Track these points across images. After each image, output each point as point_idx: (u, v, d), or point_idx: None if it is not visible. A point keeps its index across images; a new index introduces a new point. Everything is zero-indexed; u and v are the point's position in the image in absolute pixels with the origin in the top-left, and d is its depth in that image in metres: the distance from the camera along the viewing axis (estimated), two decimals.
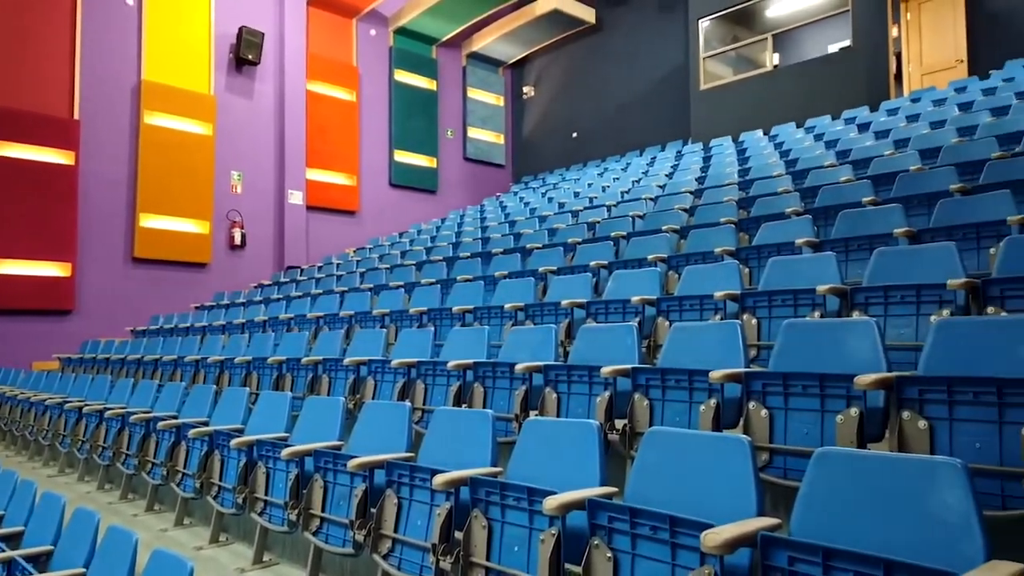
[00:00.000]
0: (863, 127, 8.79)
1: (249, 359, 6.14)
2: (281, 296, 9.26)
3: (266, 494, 3.78)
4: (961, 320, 2.85)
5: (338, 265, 11.03)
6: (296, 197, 13.28)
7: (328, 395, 5.16)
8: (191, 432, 4.44)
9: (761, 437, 2.84)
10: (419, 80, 15.64)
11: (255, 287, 11.51)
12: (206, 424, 4.78)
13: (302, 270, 12.12)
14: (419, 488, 2.91)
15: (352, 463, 3.11)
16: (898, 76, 11.26)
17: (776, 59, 11.92)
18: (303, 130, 13.48)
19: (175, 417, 5.16)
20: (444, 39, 15.91)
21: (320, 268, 11.45)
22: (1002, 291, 3.18)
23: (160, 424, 4.87)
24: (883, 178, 5.88)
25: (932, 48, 11.08)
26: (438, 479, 2.68)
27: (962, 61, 10.67)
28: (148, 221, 11.48)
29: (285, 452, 3.54)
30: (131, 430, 5.41)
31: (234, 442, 3.98)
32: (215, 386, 5.42)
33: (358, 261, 10.76)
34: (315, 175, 13.74)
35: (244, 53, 12.52)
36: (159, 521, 4.72)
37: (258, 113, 13.04)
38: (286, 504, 3.53)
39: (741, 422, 2.95)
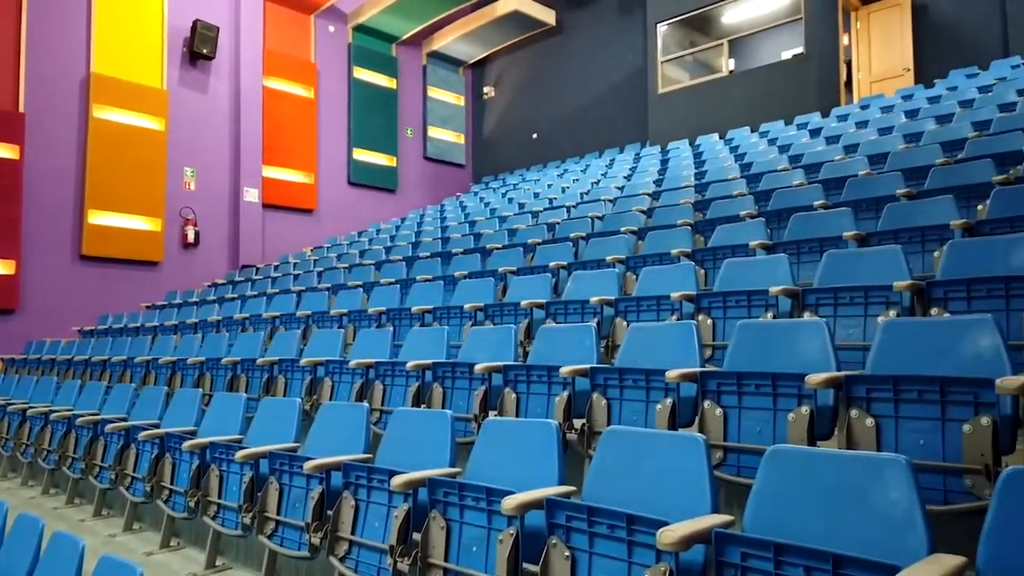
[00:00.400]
0: (815, 132, 9.02)
1: (202, 360, 6.02)
2: (236, 295, 9.08)
3: (219, 497, 3.71)
4: (906, 321, 2.95)
5: (295, 264, 10.87)
6: (252, 195, 13.05)
7: (284, 396, 5.08)
8: (141, 435, 4.33)
9: (716, 435, 2.89)
10: (379, 78, 15.51)
11: (209, 286, 11.27)
12: (157, 426, 4.67)
13: (258, 269, 11.92)
14: (377, 490, 2.89)
15: (308, 465, 3.07)
16: (848, 83, 11.58)
17: (732, 64, 12.15)
18: (259, 127, 13.25)
19: (124, 419, 5.03)
20: (404, 37, 15.81)
21: (276, 267, 11.27)
22: (945, 293, 3.30)
23: (109, 427, 4.74)
24: (833, 182, 6.04)
25: (881, 57, 11.43)
26: (396, 480, 2.66)
27: (909, 70, 11.03)
28: (97, 218, 11.15)
29: (239, 454, 3.48)
30: (78, 433, 5.25)
31: (186, 444, 3.90)
32: (167, 387, 5.30)
33: (316, 260, 10.63)
34: (272, 172, 13.52)
35: (198, 47, 12.25)
36: (107, 526, 4.59)
37: (213, 109, 12.77)
38: (240, 507, 3.47)
39: (696, 421, 3.00)
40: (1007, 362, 2.50)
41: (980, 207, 4.58)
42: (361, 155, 15.08)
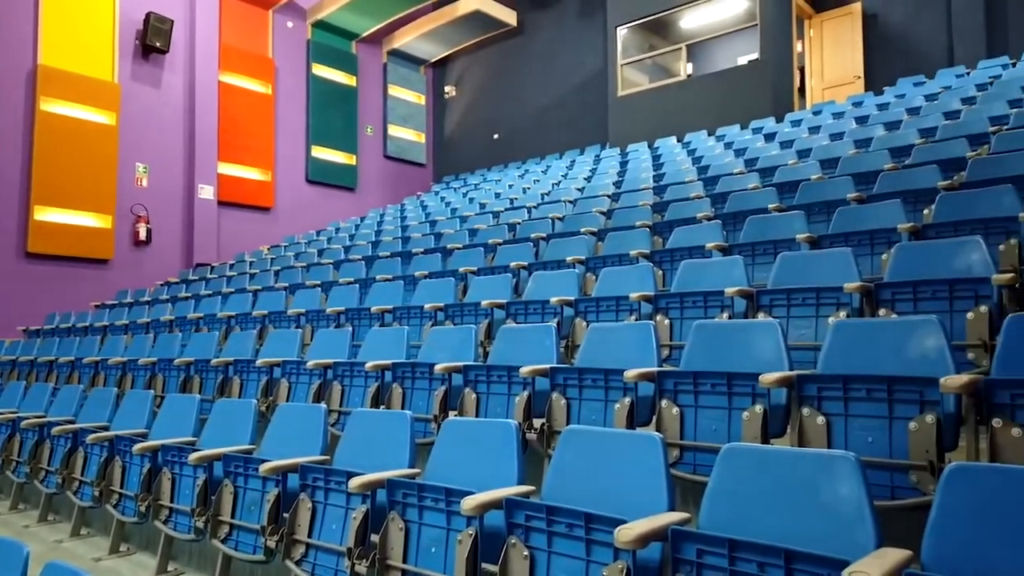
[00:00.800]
0: (769, 137, 9.21)
1: (154, 360, 5.87)
2: (190, 295, 8.89)
3: (171, 501, 3.63)
4: (856, 322, 3.03)
5: (251, 263, 10.68)
6: (207, 192, 12.77)
7: (240, 398, 4.99)
8: (89, 437, 4.21)
9: (672, 434, 2.93)
10: (338, 75, 15.34)
11: (161, 285, 11.00)
12: (106, 429, 4.54)
13: (212, 268, 11.67)
14: (334, 491, 2.86)
15: (264, 467, 3.02)
16: (801, 89, 11.87)
17: (690, 69, 12.33)
18: (215, 122, 12.98)
19: (72, 422, 4.88)
20: (364, 35, 15.66)
21: (232, 266, 11.06)
22: (893, 294, 3.40)
23: (55, 429, 4.59)
24: (787, 186, 6.17)
25: (832, 64, 11.73)
26: (354, 482, 2.64)
27: (859, 77, 11.35)
28: (44, 214, 10.78)
29: (193, 457, 3.41)
30: (23, 436, 5.08)
31: (137, 447, 3.80)
32: (116, 389, 5.15)
33: (272, 259, 10.46)
34: (227, 169, 13.26)
35: (151, 40, 11.95)
36: (53, 532, 4.45)
37: (166, 103, 12.47)
38: (193, 511, 3.39)
39: (654, 420, 3.04)
40: (951, 362, 2.59)
41: (926, 211, 4.73)
42: (320, 153, 14.89)
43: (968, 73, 9.49)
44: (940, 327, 2.68)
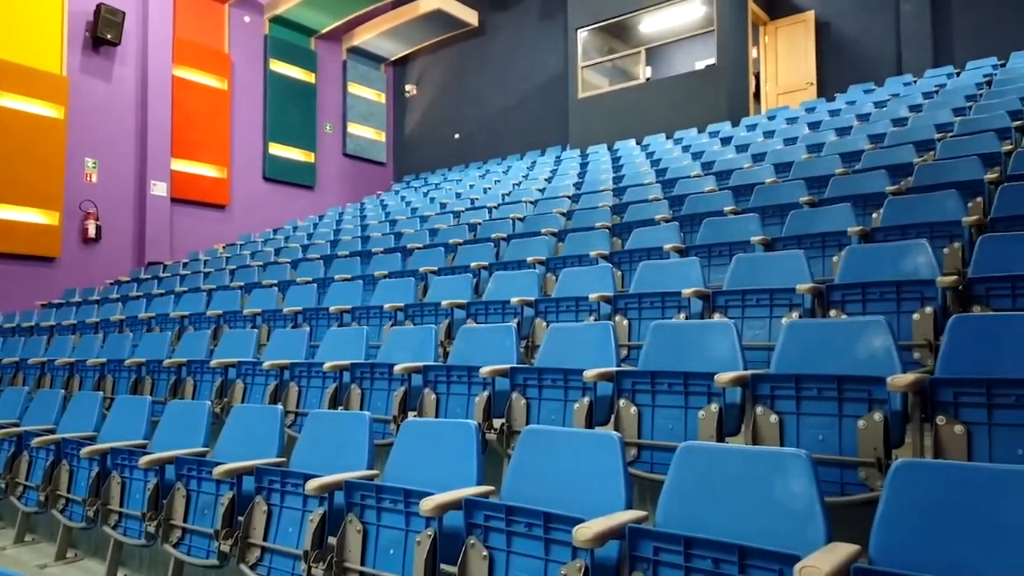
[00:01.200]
0: (725, 141, 9.37)
1: (103, 361, 5.71)
2: (141, 294, 8.66)
3: (121, 505, 3.53)
4: (808, 322, 3.11)
5: (206, 262, 10.46)
6: (159, 188, 12.47)
7: (193, 399, 4.88)
8: (35, 441, 4.08)
9: (630, 433, 2.97)
10: (296, 72, 15.11)
11: (111, 284, 10.69)
12: (52, 432, 4.40)
13: (165, 266, 11.39)
14: (291, 494, 2.82)
15: (218, 470, 2.96)
16: (757, 94, 12.11)
17: (649, 72, 12.48)
18: (168, 117, 12.67)
19: (16, 425, 4.72)
20: (323, 31, 15.47)
21: (185, 264, 10.81)
22: (843, 295, 3.50)
23: None
24: (742, 189, 6.29)
25: (786, 70, 12.00)
26: (311, 484, 2.61)
27: (812, 84, 11.63)
28: None
29: (143, 460, 3.33)
30: None
31: (85, 451, 3.69)
32: (63, 391, 5.00)
33: (228, 258, 10.26)
34: (181, 166, 12.95)
35: (102, 32, 11.60)
36: None
37: (118, 97, 12.13)
38: (144, 515, 3.31)
39: (612, 419, 3.07)
40: (897, 361, 2.67)
41: (875, 215, 4.87)
42: (277, 150, 14.66)
43: (915, 81, 9.80)
44: (888, 328, 2.77)
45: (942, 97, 8.09)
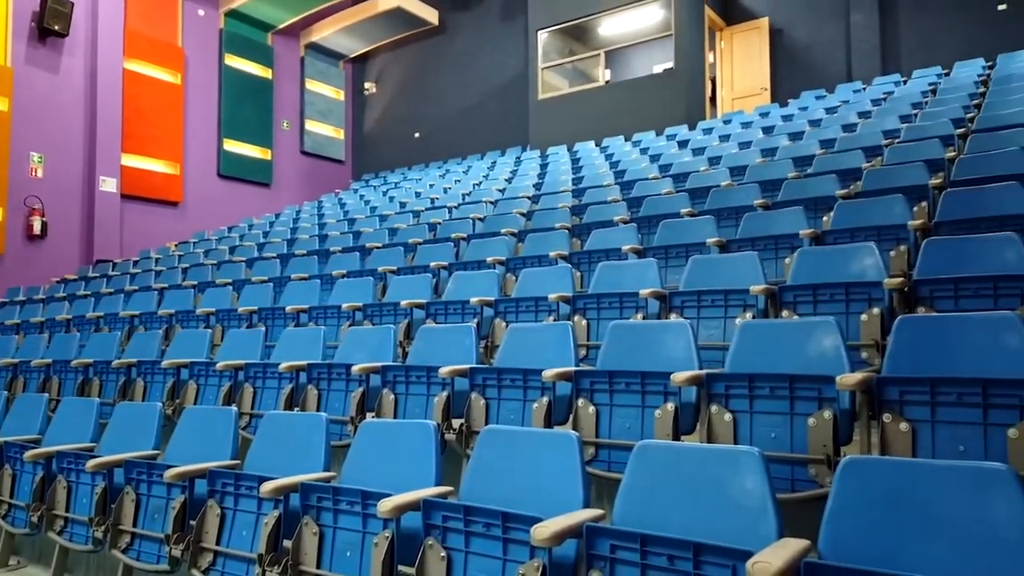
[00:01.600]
0: (683, 144, 9.51)
1: (48, 362, 5.53)
2: (89, 292, 8.41)
3: (67, 511, 3.42)
4: (761, 322, 3.17)
5: (157, 260, 10.20)
6: (109, 184, 12.11)
7: (143, 401, 4.76)
8: None
9: (588, 432, 2.99)
10: (252, 67, 14.84)
11: (58, 282, 10.36)
12: None
13: (115, 264, 11.08)
14: (245, 497, 2.77)
15: (169, 473, 2.90)
16: (713, 98, 12.32)
17: (608, 75, 12.59)
18: (119, 112, 12.33)
19: None
20: (280, 27, 15.22)
21: (136, 263, 10.53)
22: (795, 296, 3.58)
23: None
24: (699, 191, 6.40)
25: (742, 75, 12.24)
26: (266, 486, 2.56)
27: (766, 89, 11.88)
28: None
29: (91, 464, 3.23)
30: None
31: (28, 454, 3.57)
32: (6, 392, 4.82)
33: (181, 256, 10.03)
34: (132, 161, 12.61)
35: (49, 23, 11.22)
36: None
37: (65, 90, 11.75)
38: (91, 520, 3.22)
39: (571, 418, 3.09)
40: (846, 360, 2.75)
41: (826, 218, 5.00)
42: (232, 146, 14.37)
43: (864, 89, 10.09)
44: (837, 328, 2.84)
45: (890, 104, 8.34)
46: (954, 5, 10.47)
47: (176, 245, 11.73)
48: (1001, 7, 10.16)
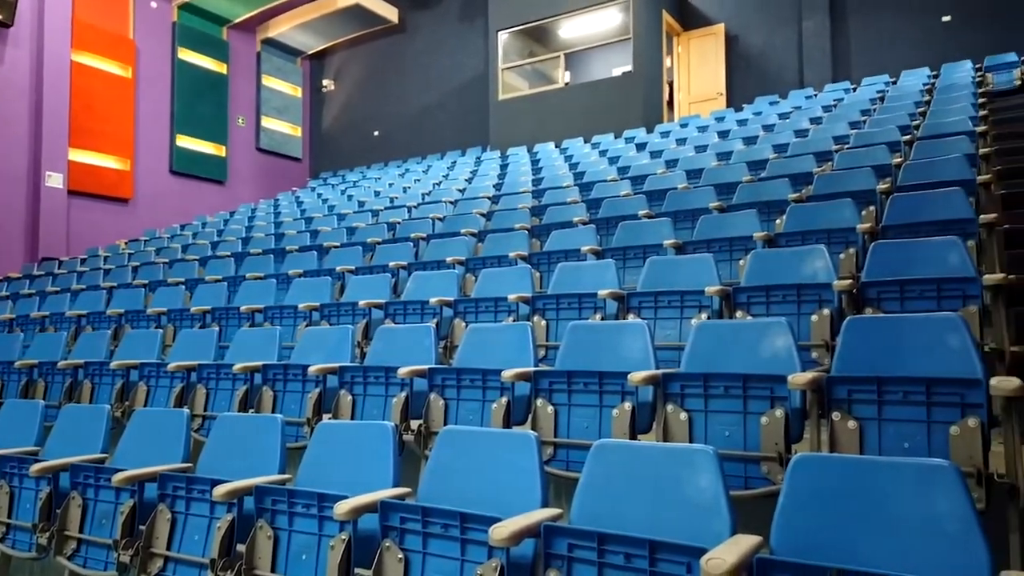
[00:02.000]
0: (640, 147, 9.62)
1: None
2: (34, 291, 8.13)
3: (9, 517, 3.30)
4: (716, 323, 3.23)
5: (106, 258, 9.91)
6: (55, 180, 11.73)
7: (91, 403, 4.62)
8: None
9: (547, 432, 3.00)
10: (207, 62, 14.54)
11: (1, 280, 9.98)
12: None
13: (61, 262, 10.73)
14: (197, 501, 2.71)
15: (118, 477, 2.82)
16: (670, 102, 12.50)
17: (568, 77, 12.67)
18: (66, 105, 11.95)
19: None
20: (236, 21, 14.93)
21: (84, 261, 10.22)
22: (748, 297, 3.65)
23: None
24: (656, 194, 6.48)
25: (698, 80, 12.44)
26: (219, 490, 2.52)
27: (722, 94, 12.10)
28: None
29: (34, 468, 3.13)
30: None
31: None
32: None
33: (131, 254, 9.76)
34: (80, 156, 12.23)
35: None
36: None
37: (9, 82, 11.34)
38: (35, 527, 3.11)
39: (529, 418, 3.10)
40: (797, 360, 2.82)
41: (778, 221, 5.12)
42: (186, 142, 14.06)
43: (816, 95, 10.35)
44: (789, 328, 2.91)
45: (840, 111, 8.57)
46: (901, 15, 10.82)
47: (126, 243, 11.42)
48: (945, 19, 10.54)
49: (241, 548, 2.51)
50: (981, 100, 7.70)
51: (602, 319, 4.00)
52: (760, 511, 2.22)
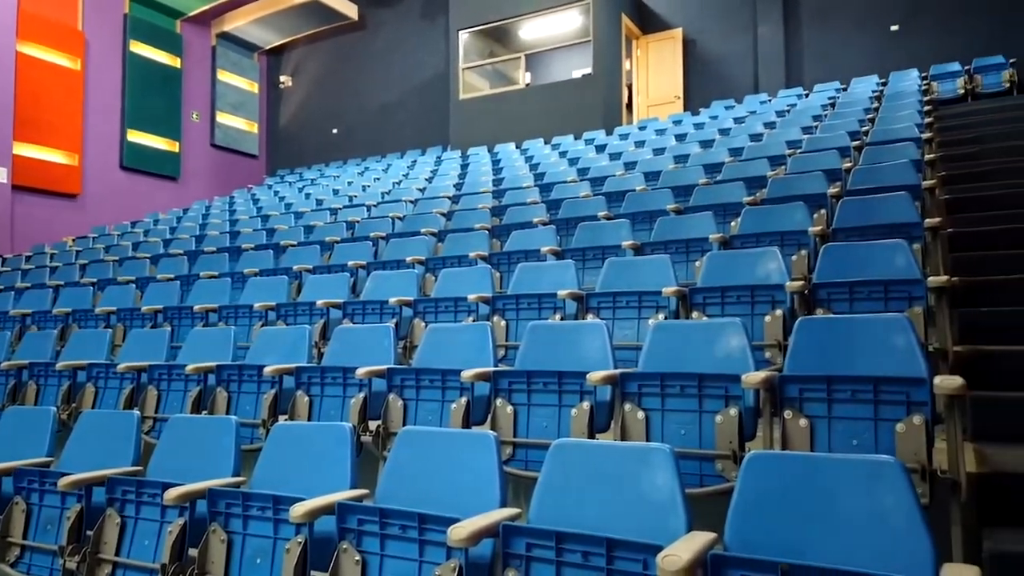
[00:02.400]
0: (600, 148, 9.70)
1: None
2: None
3: None
4: (673, 323, 3.28)
5: (52, 256, 9.59)
6: None
7: (36, 405, 4.47)
8: None
9: (506, 432, 3.01)
10: (160, 55, 14.18)
11: None
12: None
13: (4, 259, 10.35)
14: (148, 505, 2.65)
15: (64, 481, 2.73)
16: (629, 105, 12.64)
17: (528, 78, 12.71)
18: (11, 97, 11.52)
19: None
20: (191, 14, 14.60)
21: (29, 258, 9.88)
22: (704, 298, 3.72)
23: None
24: (615, 195, 6.54)
25: (656, 83, 12.60)
26: (170, 493, 2.46)
27: (679, 97, 12.28)
28: None
29: None
30: None
31: None
32: None
33: (79, 252, 9.47)
34: (24, 150, 11.81)
35: None
36: None
37: None
38: None
39: (489, 418, 3.11)
40: (751, 360, 2.87)
41: (733, 223, 5.21)
42: (137, 137, 13.69)
43: (770, 100, 10.58)
44: (743, 329, 2.97)
45: (793, 116, 8.77)
46: (852, 23, 11.13)
47: (74, 240, 11.07)
48: (893, 28, 10.87)
49: (193, 553, 2.46)
50: (927, 108, 7.97)
51: (562, 319, 4.03)
52: (715, 508, 2.26)
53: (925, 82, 9.50)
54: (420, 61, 14.66)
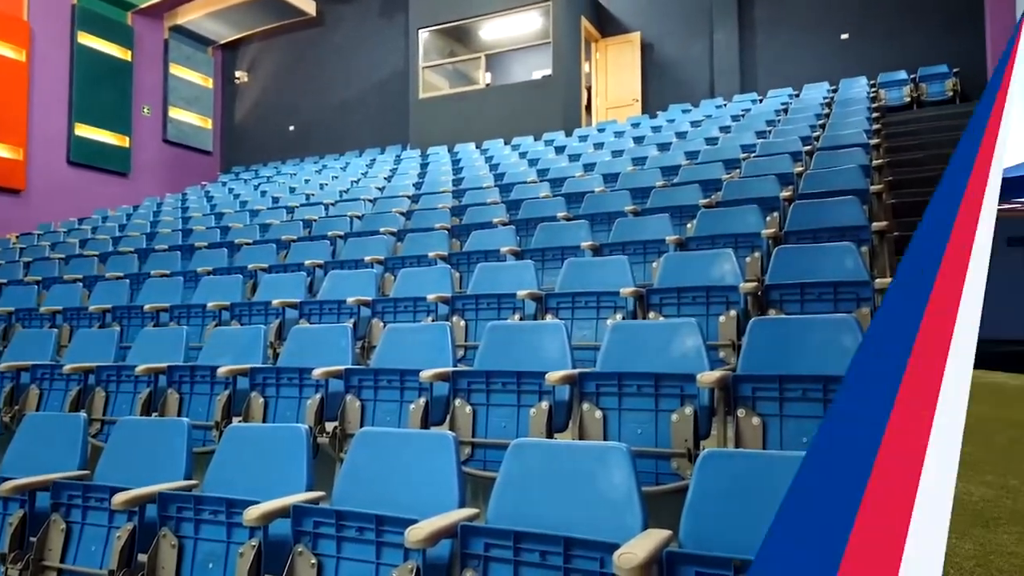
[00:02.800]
0: (559, 150, 9.76)
1: None
2: None
3: None
4: (630, 323, 3.32)
5: None
6: None
7: None
8: None
9: (465, 432, 3.01)
10: (109, 47, 13.77)
11: None
12: None
13: None
14: (95, 510, 2.57)
15: (5, 486, 2.64)
16: (588, 107, 12.73)
17: (488, 78, 12.71)
18: None
19: None
20: (142, 6, 14.22)
21: None
22: (661, 299, 3.77)
23: None
24: (574, 196, 6.59)
25: (615, 85, 12.73)
26: (118, 498, 2.39)
27: (637, 100, 12.42)
28: None
29: None
30: None
31: None
32: None
33: (22, 249, 9.14)
34: None
35: None
36: None
37: None
38: None
39: (448, 419, 3.10)
40: (706, 360, 2.93)
41: (689, 225, 5.29)
42: (85, 132, 13.28)
43: (726, 105, 10.77)
44: (698, 329, 3.02)
45: (747, 121, 8.95)
46: (804, 31, 11.41)
47: (17, 237, 10.68)
48: (844, 36, 11.17)
49: (143, 558, 2.40)
50: (875, 115, 8.21)
51: (521, 319, 4.04)
52: (671, 506, 2.29)
53: (873, 89, 9.79)
54: (379, 59, 14.54)
